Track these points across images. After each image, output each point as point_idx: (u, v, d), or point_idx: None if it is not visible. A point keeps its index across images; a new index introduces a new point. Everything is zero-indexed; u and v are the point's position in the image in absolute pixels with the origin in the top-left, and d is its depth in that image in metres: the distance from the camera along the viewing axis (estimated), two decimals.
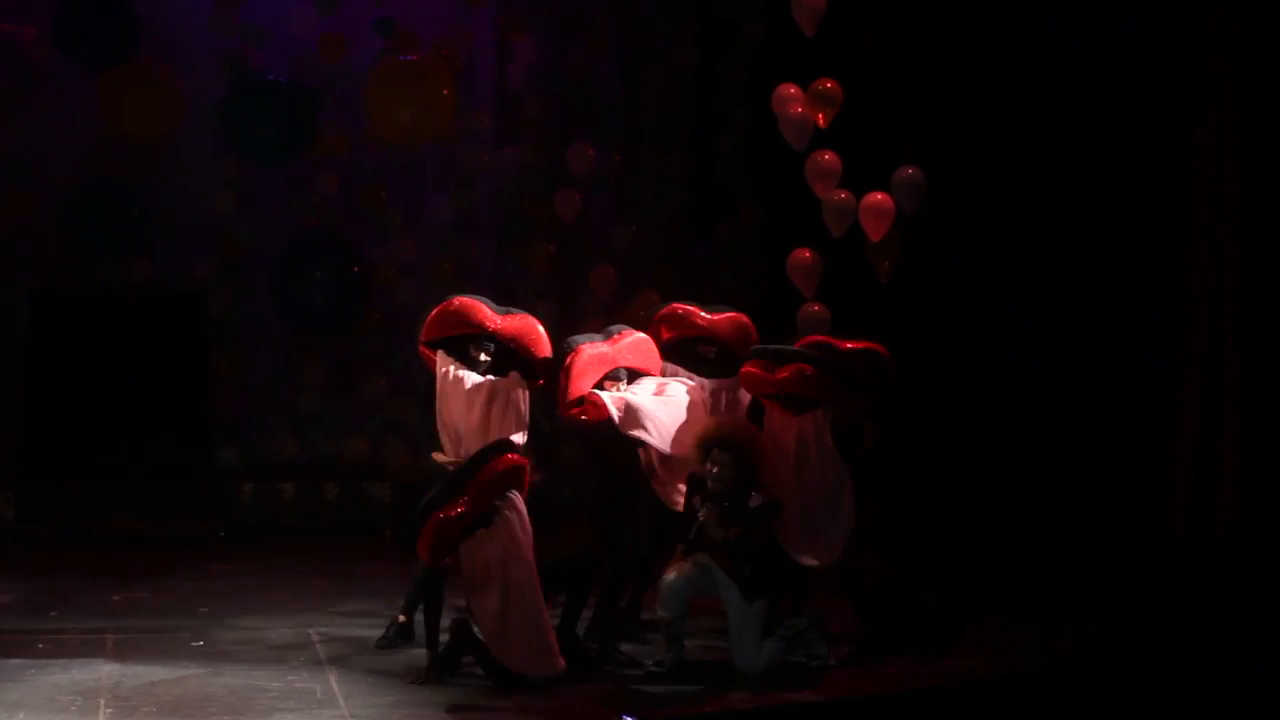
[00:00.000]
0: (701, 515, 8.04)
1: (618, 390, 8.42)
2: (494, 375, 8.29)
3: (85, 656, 8.21)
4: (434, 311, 8.40)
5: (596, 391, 8.32)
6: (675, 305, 8.99)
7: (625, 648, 8.31)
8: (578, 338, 8.49)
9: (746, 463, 8.04)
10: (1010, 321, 10.13)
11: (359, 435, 12.39)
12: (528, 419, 8.23)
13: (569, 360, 8.33)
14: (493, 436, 8.07)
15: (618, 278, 12.27)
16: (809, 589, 8.60)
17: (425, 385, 8.53)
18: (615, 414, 8.24)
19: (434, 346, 8.37)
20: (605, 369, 8.44)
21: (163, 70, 12.11)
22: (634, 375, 8.57)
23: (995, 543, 9.81)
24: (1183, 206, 9.14)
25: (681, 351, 8.89)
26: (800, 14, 10.24)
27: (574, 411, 8.33)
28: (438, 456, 8.33)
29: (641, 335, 8.67)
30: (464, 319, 8.30)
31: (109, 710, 7.31)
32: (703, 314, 8.94)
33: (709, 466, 8.05)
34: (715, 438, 8.09)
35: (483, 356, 8.30)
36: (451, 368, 8.24)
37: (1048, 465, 9.86)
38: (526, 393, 8.27)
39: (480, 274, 12.80)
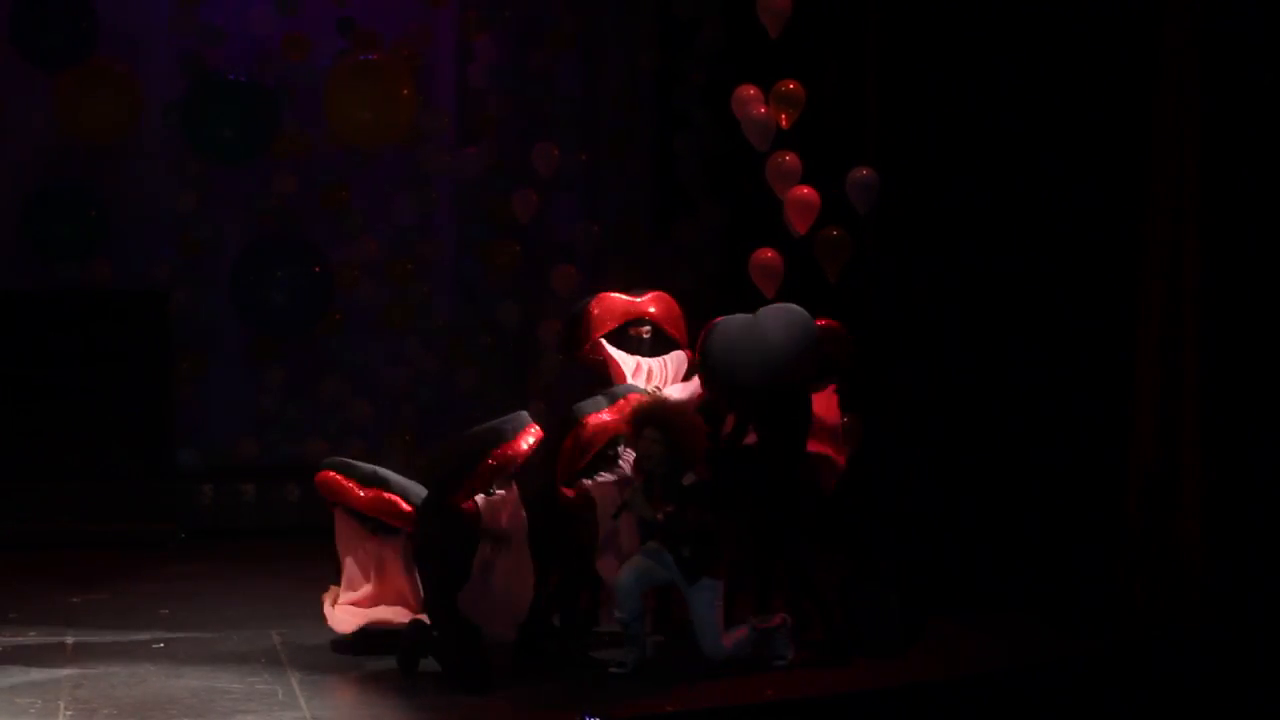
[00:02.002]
0: (626, 494, 8.03)
1: (618, 453, 8.50)
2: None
3: (44, 659, 8.17)
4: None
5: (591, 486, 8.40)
6: (600, 295, 9.09)
7: (585, 647, 8.33)
8: (585, 405, 8.46)
9: (677, 441, 7.90)
10: (967, 320, 10.16)
11: (320, 436, 12.34)
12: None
13: (575, 433, 8.36)
14: None
15: (580, 277, 12.27)
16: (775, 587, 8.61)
17: None
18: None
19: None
20: (607, 438, 8.46)
21: (122, 69, 12.06)
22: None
23: (954, 541, 9.84)
24: (1141, 207, 9.19)
25: (616, 338, 8.95)
26: (766, 15, 10.25)
27: (568, 493, 8.36)
28: None
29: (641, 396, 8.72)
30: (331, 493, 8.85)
31: (69, 713, 7.28)
32: (626, 297, 9.05)
33: (639, 446, 8.01)
34: (644, 417, 8.02)
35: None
36: None
37: (1005, 463, 9.89)
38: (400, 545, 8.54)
39: (442, 274, 12.80)
